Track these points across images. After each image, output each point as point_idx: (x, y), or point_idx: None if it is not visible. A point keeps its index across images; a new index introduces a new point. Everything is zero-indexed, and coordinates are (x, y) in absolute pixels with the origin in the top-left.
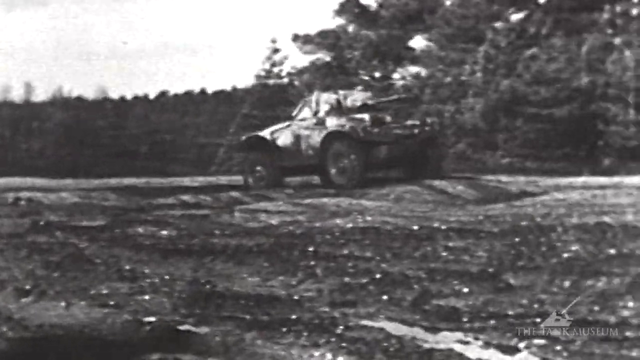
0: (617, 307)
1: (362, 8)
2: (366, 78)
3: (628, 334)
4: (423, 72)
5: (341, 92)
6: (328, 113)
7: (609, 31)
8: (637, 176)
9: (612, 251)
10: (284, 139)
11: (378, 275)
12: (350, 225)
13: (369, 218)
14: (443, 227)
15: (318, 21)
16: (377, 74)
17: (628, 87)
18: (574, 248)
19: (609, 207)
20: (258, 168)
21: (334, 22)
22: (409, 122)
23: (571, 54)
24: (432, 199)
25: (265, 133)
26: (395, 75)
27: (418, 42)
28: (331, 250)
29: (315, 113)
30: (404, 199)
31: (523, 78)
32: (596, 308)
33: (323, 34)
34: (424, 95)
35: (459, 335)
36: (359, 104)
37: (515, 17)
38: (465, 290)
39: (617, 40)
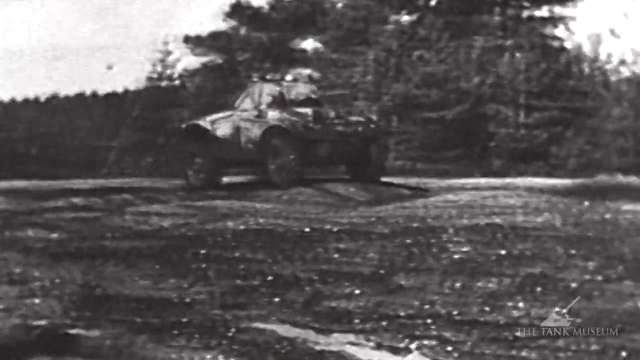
0: (508, 307)
1: (253, 10)
2: (256, 80)
3: (518, 334)
4: (315, 74)
5: (284, 83)
6: (270, 105)
7: (500, 34)
8: (528, 177)
9: (503, 252)
10: (224, 129)
11: (270, 278)
12: (242, 227)
13: (261, 220)
14: (335, 228)
15: (210, 23)
16: (268, 76)
17: (518, 89)
18: (464, 249)
19: (500, 208)
20: (197, 160)
21: (225, 24)
22: (353, 119)
23: (462, 57)
24: (325, 200)
25: (206, 122)
26: (288, 77)
27: (310, 44)
28: (223, 253)
29: (257, 105)
30: (297, 200)
31: (413, 81)
32: (487, 309)
33: (215, 35)
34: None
35: (351, 337)
36: (302, 97)
37: (407, 19)
38: (357, 291)
39: (508, 43)
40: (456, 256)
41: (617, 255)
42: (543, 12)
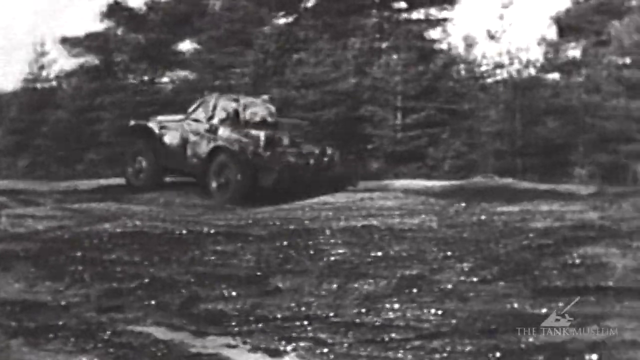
0: (383, 309)
1: (130, 11)
2: (135, 82)
3: (393, 335)
4: (192, 76)
5: (242, 100)
6: (223, 122)
7: (377, 35)
8: (404, 180)
9: (379, 254)
10: (171, 137)
11: (146, 280)
12: (119, 229)
13: (137, 222)
14: (212, 231)
15: (86, 24)
16: (145, 78)
17: (395, 91)
18: (340, 251)
19: (376, 210)
20: (139, 159)
21: (102, 25)
22: (307, 149)
23: (338, 58)
24: (202, 203)
25: (154, 124)
26: (165, 79)
27: (187, 46)
28: (99, 255)
29: (210, 118)
30: (174, 203)
31: (291, 82)
32: (363, 310)
33: (91, 36)
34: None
35: (227, 339)
36: (258, 119)
37: (284, 21)
38: (233, 294)
39: (385, 45)
40: (332, 258)
41: (492, 257)
42: (419, 14)
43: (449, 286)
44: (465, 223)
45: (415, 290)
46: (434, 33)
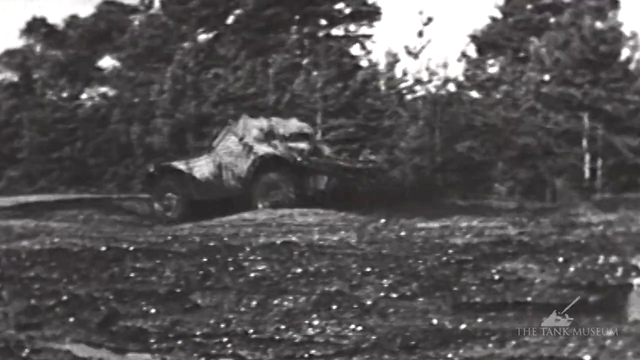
0: (303, 325)
1: (49, 27)
2: (54, 98)
3: (313, 352)
4: (112, 92)
5: (274, 119)
6: (257, 139)
7: (297, 52)
8: None
9: (299, 270)
10: (203, 169)
11: (65, 297)
12: (37, 246)
13: (56, 239)
14: (131, 248)
15: (5, 40)
16: (65, 94)
17: (315, 107)
18: (261, 267)
19: (296, 226)
20: (168, 195)
21: (21, 42)
22: (348, 156)
23: (258, 74)
24: (122, 219)
25: (180, 164)
26: (84, 96)
27: (107, 62)
28: (17, 273)
29: (242, 139)
30: (93, 219)
31: (210, 99)
32: (282, 327)
33: (10, 53)
34: (113, 116)
35: (146, 356)
36: (294, 130)
37: (204, 37)
38: (153, 311)
39: (305, 61)
40: (252, 274)
41: (412, 273)
42: (339, 30)
43: (369, 302)
44: (384, 239)
45: (335, 307)
46: (354, 50)
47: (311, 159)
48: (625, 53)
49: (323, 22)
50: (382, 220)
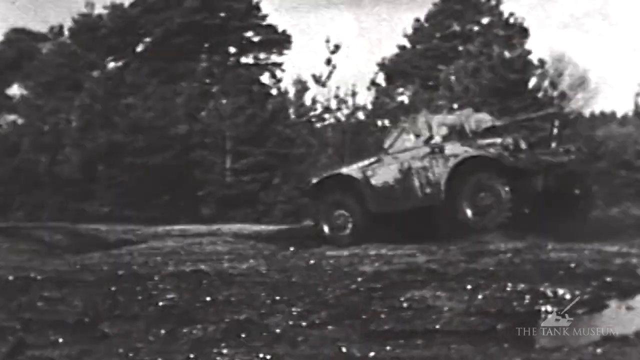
0: (212, 353)
1: None
2: None
3: None
4: (20, 120)
5: (458, 112)
6: (447, 138)
7: (207, 80)
8: (235, 224)
9: (208, 298)
10: (382, 175)
11: None
12: None
13: None
14: (39, 277)
15: None
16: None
17: (225, 135)
18: (170, 296)
19: (206, 255)
20: (339, 212)
21: None
22: (551, 148)
23: (168, 103)
24: (29, 248)
25: (352, 170)
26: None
27: (15, 90)
28: None
29: (429, 139)
30: (0, 248)
31: (120, 127)
32: (192, 355)
33: None
34: (22, 144)
35: None
36: (487, 124)
37: (113, 65)
38: (61, 340)
39: (215, 89)
40: (161, 303)
41: (321, 301)
42: (249, 58)
43: (278, 330)
44: (294, 267)
45: (244, 335)
46: (264, 78)
47: (521, 157)
48: (533, 81)
49: (232, 50)
50: (292, 249)
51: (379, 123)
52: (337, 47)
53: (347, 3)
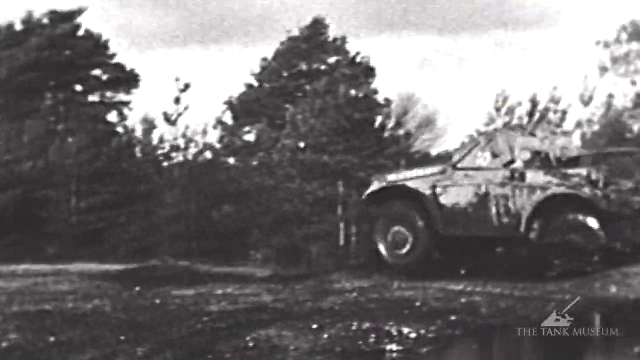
0: None
1: None
2: None
3: None
4: None
5: (540, 133)
6: (529, 165)
7: (52, 118)
8: (80, 263)
9: (52, 339)
10: (454, 196)
11: None
12: None
13: None
14: None
15: None
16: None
17: (70, 173)
18: (13, 336)
19: (50, 294)
20: (396, 229)
21: None
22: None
23: (13, 140)
24: None
25: (419, 184)
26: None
27: None
28: None
29: (510, 163)
30: None
31: None
32: None
33: None
34: None
35: None
36: (572, 153)
37: None
38: None
39: (60, 127)
40: (4, 344)
41: (166, 341)
42: (95, 97)
43: None
44: (139, 307)
45: None
46: (111, 116)
47: (613, 198)
48: (379, 120)
49: (79, 88)
50: (137, 288)
51: (227, 161)
52: (186, 86)
53: (199, 41)
